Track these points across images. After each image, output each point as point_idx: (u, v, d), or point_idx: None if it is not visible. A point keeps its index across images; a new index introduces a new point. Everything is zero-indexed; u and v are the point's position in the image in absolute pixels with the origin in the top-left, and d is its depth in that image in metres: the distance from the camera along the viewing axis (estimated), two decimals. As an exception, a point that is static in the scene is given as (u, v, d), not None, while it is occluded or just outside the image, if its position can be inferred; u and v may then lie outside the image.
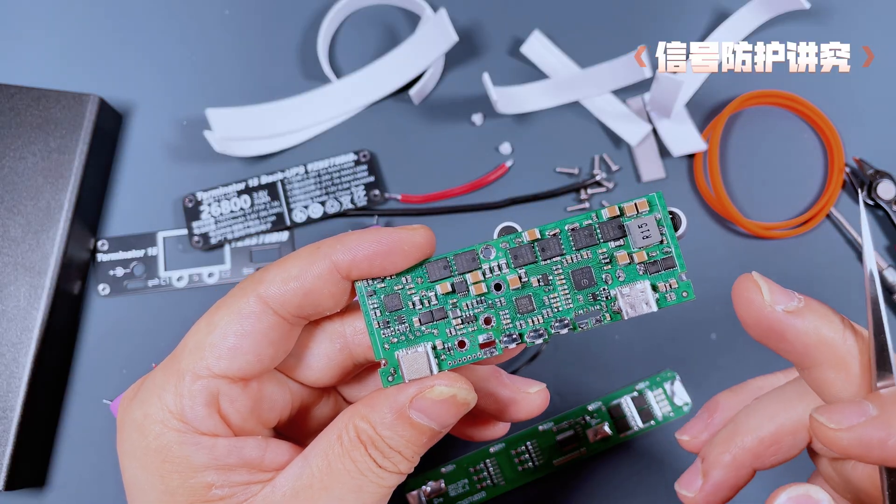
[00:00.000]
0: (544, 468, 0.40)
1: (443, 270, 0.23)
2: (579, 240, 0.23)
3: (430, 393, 0.22)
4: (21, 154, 0.42)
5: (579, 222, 0.23)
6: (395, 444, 0.23)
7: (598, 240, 0.23)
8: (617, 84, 0.45)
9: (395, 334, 0.24)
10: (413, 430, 0.23)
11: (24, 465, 0.39)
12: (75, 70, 0.47)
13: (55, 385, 0.42)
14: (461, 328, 0.23)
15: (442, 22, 0.43)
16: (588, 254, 0.23)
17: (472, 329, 0.23)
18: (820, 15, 0.47)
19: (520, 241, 0.23)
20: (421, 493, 0.39)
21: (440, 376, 0.23)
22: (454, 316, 0.23)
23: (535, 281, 0.23)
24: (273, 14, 0.48)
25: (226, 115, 0.44)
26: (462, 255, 0.23)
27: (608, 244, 0.23)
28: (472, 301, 0.23)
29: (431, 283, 0.23)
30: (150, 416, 0.23)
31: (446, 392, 0.23)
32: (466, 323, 0.23)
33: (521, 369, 0.42)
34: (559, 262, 0.23)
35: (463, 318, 0.23)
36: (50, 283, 0.40)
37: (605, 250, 0.23)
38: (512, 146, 0.45)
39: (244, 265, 0.44)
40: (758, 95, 0.45)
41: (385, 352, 0.24)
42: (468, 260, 0.23)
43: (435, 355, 0.23)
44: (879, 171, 0.44)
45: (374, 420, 0.23)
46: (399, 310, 0.24)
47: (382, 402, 0.23)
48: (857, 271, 0.44)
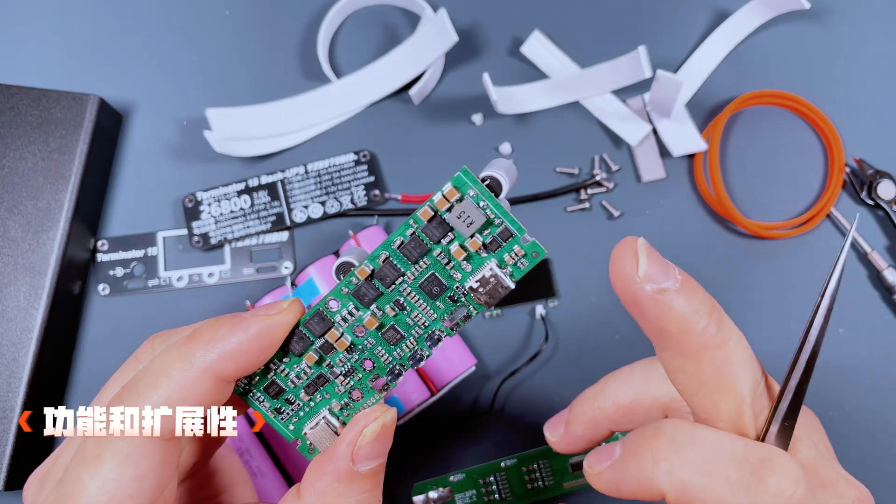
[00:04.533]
0: (554, 489, 0.39)
1: (301, 343, 0.23)
2: (410, 253, 0.22)
3: (363, 440, 0.22)
4: (21, 154, 0.42)
5: (402, 236, 0.22)
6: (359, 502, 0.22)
7: (428, 245, 0.22)
8: (617, 84, 0.45)
9: (293, 414, 0.24)
10: (368, 479, 0.22)
11: (24, 465, 0.39)
12: (75, 70, 0.47)
13: (55, 385, 0.42)
14: (347, 383, 0.23)
15: (442, 22, 0.43)
16: (426, 262, 0.22)
17: (357, 378, 0.23)
18: (820, 15, 0.47)
19: (356, 281, 0.22)
20: (427, 499, 0.39)
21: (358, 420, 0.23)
22: (334, 376, 0.23)
23: (390, 311, 0.23)
24: (273, 14, 0.48)
25: (226, 115, 0.44)
26: (311, 320, 0.23)
27: (440, 244, 0.22)
28: (342, 356, 0.23)
29: (299, 359, 0.23)
30: None
31: (376, 427, 0.22)
32: (349, 376, 0.23)
33: (522, 369, 0.42)
34: (403, 283, 0.22)
35: (344, 372, 0.23)
36: (50, 283, 0.40)
37: (440, 251, 0.22)
38: (512, 146, 0.45)
39: (244, 265, 0.44)
40: (758, 95, 0.45)
41: (293, 432, 0.24)
42: (318, 322, 0.23)
43: (336, 416, 0.23)
44: (879, 171, 0.44)
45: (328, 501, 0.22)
46: (283, 393, 0.23)
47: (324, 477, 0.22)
48: (858, 271, 0.44)
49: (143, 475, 0.21)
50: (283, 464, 0.39)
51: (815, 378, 0.45)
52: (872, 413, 0.42)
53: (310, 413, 0.24)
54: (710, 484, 0.19)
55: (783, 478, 0.19)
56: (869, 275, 0.44)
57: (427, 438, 0.41)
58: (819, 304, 0.21)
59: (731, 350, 0.21)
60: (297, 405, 0.24)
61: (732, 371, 0.21)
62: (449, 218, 0.21)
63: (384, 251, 0.22)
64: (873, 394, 0.42)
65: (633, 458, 0.21)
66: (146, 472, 0.21)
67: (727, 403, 0.21)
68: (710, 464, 0.20)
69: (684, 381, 0.21)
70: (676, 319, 0.20)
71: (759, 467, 0.19)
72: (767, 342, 0.43)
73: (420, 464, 0.41)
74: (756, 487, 0.19)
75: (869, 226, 0.44)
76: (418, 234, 0.22)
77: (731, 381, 0.21)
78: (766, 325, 0.43)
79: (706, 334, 0.20)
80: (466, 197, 0.21)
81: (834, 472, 0.22)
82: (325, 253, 0.43)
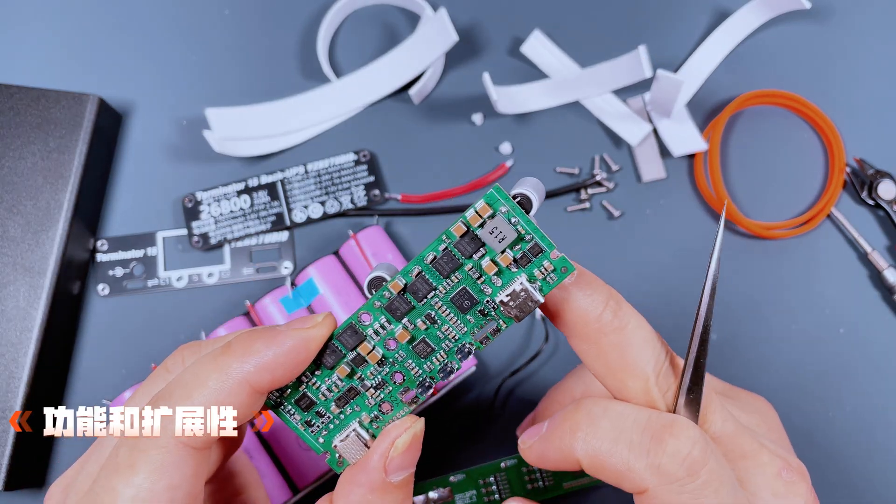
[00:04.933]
0: (554, 489, 0.39)
1: (334, 356, 0.23)
2: (443, 267, 0.22)
3: (395, 451, 0.23)
4: (21, 154, 0.42)
5: (435, 251, 0.22)
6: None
7: (460, 260, 0.22)
8: (617, 84, 0.45)
9: (322, 427, 0.24)
10: (400, 489, 0.23)
11: (24, 465, 0.39)
12: (75, 70, 0.47)
13: (55, 385, 0.42)
14: (377, 396, 0.24)
15: (442, 22, 0.43)
16: (458, 276, 0.22)
17: (388, 391, 0.24)
18: (820, 15, 0.47)
19: (389, 295, 0.23)
20: (427, 499, 0.39)
21: (389, 431, 0.23)
22: (365, 388, 0.24)
23: (421, 324, 0.23)
24: (273, 14, 0.48)
25: (226, 115, 0.44)
26: (344, 333, 0.23)
27: (472, 259, 0.22)
28: (373, 369, 0.23)
29: (330, 371, 0.23)
30: None
31: (407, 438, 0.23)
32: (380, 389, 0.24)
33: (522, 369, 0.42)
34: (435, 297, 0.23)
35: (375, 385, 0.24)
36: (50, 283, 0.40)
37: (471, 266, 0.22)
38: (512, 146, 0.45)
39: (244, 265, 0.44)
40: (758, 95, 0.45)
41: (322, 445, 0.24)
42: (351, 335, 0.23)
43: (366, 429, 0.24)
44: (880, 171, 0.44)
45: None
46: (314, 405, 0.24)
47: (357, 489, 0.23)
48: (858, 271, 0.44)
49: (177, 485, 0.21)
50: (284, 464, 0.39)
51: (815, 378, 0.45)
52: (873, 413, 0.42)
53: (340, 426, 0.24)
54: (616, 449, 0.21)
55: (681, 440, 0.21)
56: (869, 275, 0.44)
57: (427, 438, 0.41)
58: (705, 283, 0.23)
59: (630, 333, 0.23)
60: (328, 418, 0.24)
61: (633, 352, 0.23)
62: (481, 234, 0.22)
63: (417, 266, 0.22)
64: (873, 394, 0.42)
65: (555, 430, 0.23)
66: (180, 482, 0.21)
67: (633, 382, 0.23)
68: (617, 431, 0.22)
69: (594, 366, 0.23)
70: (573, 310, 0.23)
71: (661, 432, 0.21)
72: (767, 342, 0.43)
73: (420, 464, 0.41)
74: (655, 449, 0.21)
75: (869, 226, 0.44)
76: (451, 249, 0.22)
77: (633, 361, 0.23)
78: (766, 325, 0.43)
79: (602, 320, 0.22)
80: (498, 213, 0.22)
81: (757, 445, 0.23)
82: (325, 253, 0.43)
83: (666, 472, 0.21)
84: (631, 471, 0.21)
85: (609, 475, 0.22)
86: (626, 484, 0.22)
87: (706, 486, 0.21)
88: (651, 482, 0.21)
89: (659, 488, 0.21)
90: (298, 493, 0.39)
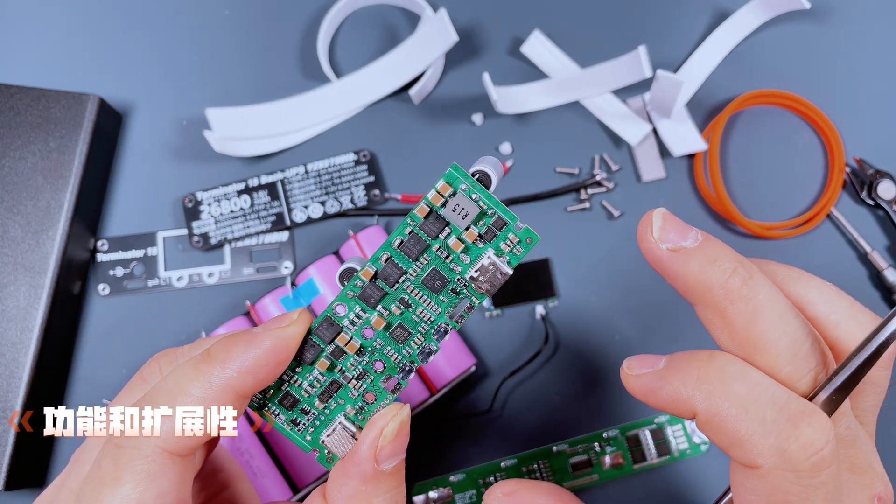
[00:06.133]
0: None
1: (313, 350, 0.23)
2: (410, 250, 0.23)
3: (384, 440, 0.23)
4: (21, 154, 0.42)
5: (401, 235, 0.23)
6: (388, 500, 0.23)
7: (427, 241, 0.23)
8: (617, 84, 0.45)
9: (309, 424, 0.24)
10: (392, 477, 0.23)
11: (24, 465, 0.39)
12: (75, 70, 0.47)
13: (55, 385, 0.42)
14: (359, 386, 0.24)
15: (442, 22, 0.43)
16: (426, 258, 0.23)
17: (370, 381, 0.24)
18: (820, 15, 0.47)
19: (361, 283, 0.23)
20: (428, 499, 0.39)
21: (376, 421, 0.23)
22: (347, 380, 0.24)
23: (395, 309, 0.23)
24: (273, 14, 0.48)
25: (226, 115, 0.44)
26: (320, 327, 0.23)
27: (438, 239, 0.23)
28: (353, 360, 0.23)
29: (311, 367, 0.24)
30: None
31: (395, 426, 0.23)
32: (362, 379, 0.24)
33: (522, 369, 0.42)
34: (406, 280, 0.23)
35: (356, 376, 0.24)
36: (50, 283, 0.40)
37: (438, 246, 0.23)
38: (512, 146, 0.45)
39: (244, 265, 0.44)
40: (758, 95, 0.45)
41: (310, 443, 0.24)
42: (327, 328, 0.23)
43: (352, 421, 0.24)
44: (879, 171, 0.44)
45: (360, 500, 0.23)
46: (298, 403, 0.24)
47: (350, 481, 0.23)
48: (858, 271, 0.44)
49: (165, 492, 0.21)
50: (283, 463, 0.39)
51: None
52: (872, 413, 0.42)
53: (325, 421, 0.24)
54: (746, 418, 0.20)
55: (817, 432, 0.20)
56: (869, 275, 0.44)
57: (427, 438, 0.41)
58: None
59: (760, 304, 0.21)
60: (313, 414, 0.24)
61: (763, 327, 0.21)
62: (444, 212, 0.22)
63: (385, 252, 0.23)
64: (873, 394, 0.42)
65: (677, 372, 0.21)
66: (168, 489, 0.21)
67: (761, 358, 0.21)
68: (751, 401, 0.20)
69: (719, 336, 0.22)
70: (694, 274, 0.21)
71: (797, 416, 0.20)
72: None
73: (420, 464, 0.41)
74: (788, 432, 0.20)
75: (869, 226, 0.44)
76: (416, 231, 0.22)
77: (763, 335, 0.21)
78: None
79: (729, 287, 0.21)
80: (459, 191, 0.22)
81: (867, 463, 0.22)
82: (325, 253, 0.43)
83: (790, 458, 0.19)
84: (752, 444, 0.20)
85: (723, 439, 0.20)
86: (738, 453, 0.20)
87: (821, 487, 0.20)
88: (769, 462, 0.20)
89: (774, 471, 0.20)
90: (298, 492, 0.39)
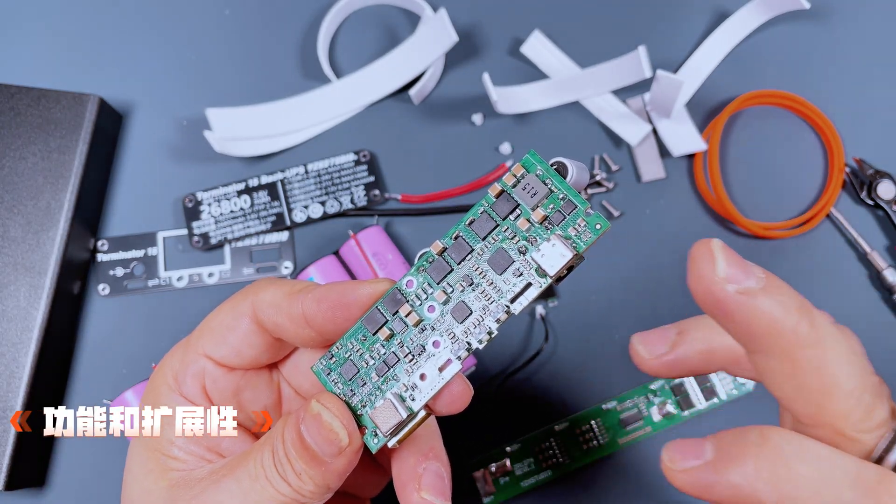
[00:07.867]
0: (609, 447, 0.40)
1: (380, 318, 0.24)
2: (481, 229, 0.23)
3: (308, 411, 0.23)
4: (21, 154, 0.42)
5: (474, 214, 0.23)
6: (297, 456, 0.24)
7: (497, 221, 0.23)
8: (617, 84, 0.45)
9: (363, 398, 0.24)
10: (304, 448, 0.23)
11: (24, 465, 0.39)
12: (75, 70, 0.47)
13: (55, 385, 0.42)
14: (415, 363, 0.24)
15: (442, 22, 0.43)
16: (495, 237, 0.23)
17: (425, 359, 0.24)
18: (820, 15, 0.47)
19: (431, 259, 0.24)
20: (486, 473, 0.39)
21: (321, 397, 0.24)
22: (404, 354, 0.24)
23: (459, 287, 0.23)
24: (273, 14, 0.48)
25: (226, 115, 0.44)
26: (388, 298, 0.24)
27: (507, 220, 0.23)
28: (414, 334, 0.24)
29: (374, 336, 0.24)
30: (163, 366, 0.27)
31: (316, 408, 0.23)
32: (418, 356, 0.24)
33: (522, 369, 0.42)
34: (472, 258, 0.23)
35: (413, 352, 0.24)
36: (50, 283, 0.40)
37: (507, 227, 0.23)
38: (512, 146, 0.45)
39: (244, 265, 0.44)
40: (758, 95, 0.45)
41: (359, 419, 0.24)
42: (393, 298, 0.24)
43: (402, 400, 0.24)
44: (879, 171, 0.44)
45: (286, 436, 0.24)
46: (356, 374, 0.24)
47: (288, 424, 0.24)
48: (858, 271, 0.44)
49: (232, 328, 0.26)
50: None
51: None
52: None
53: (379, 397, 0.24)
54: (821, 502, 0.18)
55: None
56: (869, 275, 0.44)
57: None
58: None
59: (828, 347, 0.19)
60: (369, 388, 0.24)
61: (833, 371, 0.19)
62: (515, 191, 0.23)
63: (457, 229, 0.23)
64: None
65: (731, 462, 0.19)
66: (235, 328, 0.26)
67: (832, 405, 0.19)
68: (822, 482, 0.18)
69: (783, 385, 0.20)
70: (765, 319, 0.19)
71: (876, 489, 0.18)
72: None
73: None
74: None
75: (869, 226, 0.44)
76: (488, 211, 0.23)
77: (833, 381, 0.19)
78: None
79: (799, 332, 0.19)
80: (533, 173, 0.23)
81: None
82: (325, 253, 0.43)
83: None
84: None
85: None
86: None
87: None
88: None
89: None
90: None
